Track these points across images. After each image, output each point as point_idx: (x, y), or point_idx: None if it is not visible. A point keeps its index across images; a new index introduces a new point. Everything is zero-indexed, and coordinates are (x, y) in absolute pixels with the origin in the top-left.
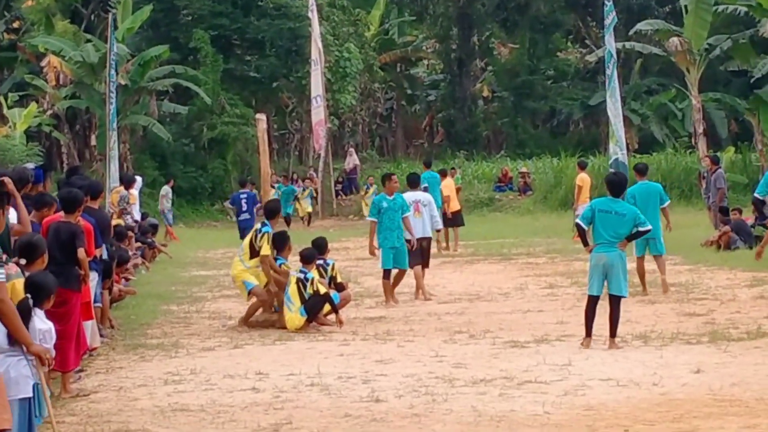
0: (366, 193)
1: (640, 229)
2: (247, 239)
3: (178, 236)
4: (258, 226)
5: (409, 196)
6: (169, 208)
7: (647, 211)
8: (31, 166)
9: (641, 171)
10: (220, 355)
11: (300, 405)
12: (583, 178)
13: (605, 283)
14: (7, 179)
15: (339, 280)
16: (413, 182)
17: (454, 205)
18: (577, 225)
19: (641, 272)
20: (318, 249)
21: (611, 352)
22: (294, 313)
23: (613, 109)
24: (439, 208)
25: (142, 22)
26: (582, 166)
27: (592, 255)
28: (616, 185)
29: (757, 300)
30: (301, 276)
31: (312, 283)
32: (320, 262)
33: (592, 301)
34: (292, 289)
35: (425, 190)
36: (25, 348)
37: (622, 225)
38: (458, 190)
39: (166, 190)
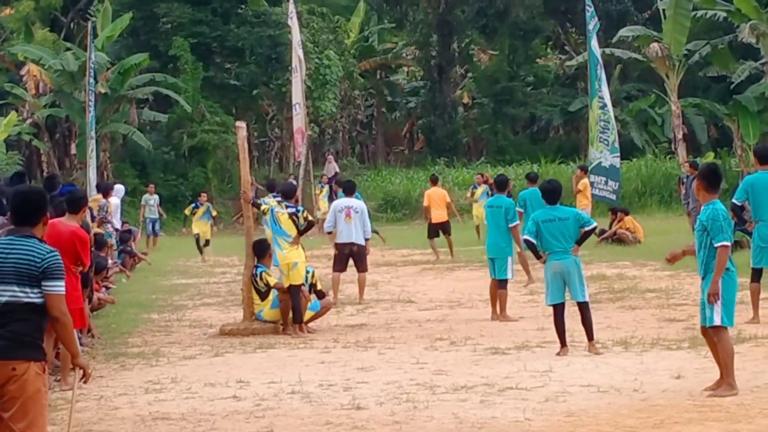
0: (320, 192)
1: (587, 228)
2: (290, 225)
3: (147, 249)
4: (291, 210)
5: (342, 201)
6: (152, 218)
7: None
8: None
9: (533, 179)
10: (201, 364)
11: (281, 413)
12: (587, 184)
13: (566, 291)
14: None
15: (319, 287)
16: (349, 189)
17: (437, 216)
18: (525, 240)
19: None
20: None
21: (592, 358)
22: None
23: (609, 111)
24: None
25: (121, 30)
26: (585, 170)
27: (547, 265)
28: (551, 193)
29: (737, 305)
30: (292, 210)
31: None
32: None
33: (557, 310)
34: (285, 221)
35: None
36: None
37: (568, 229)
38: None
39: (146, 198)
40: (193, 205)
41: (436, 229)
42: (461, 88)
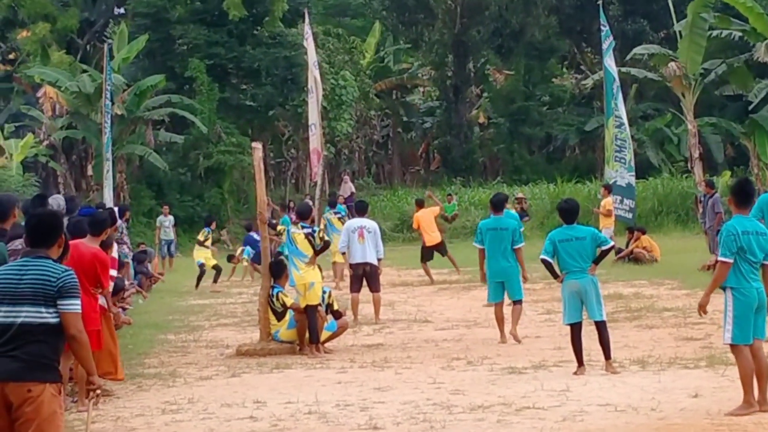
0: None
1: (604, 248)
2: (307, 245)
3: (164, 270)
4: (307, 230)
5: (355, 222)
6: (168, 239)
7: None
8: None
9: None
10: (218, 384)
11: None
12: (610, 202)
13: (584, 309)
14: None
15: (336, 307)
16: (361, 209)
17: (432, 239)
18: (543, 260)
19: None
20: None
21: (609, 377)
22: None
23: (626, 130)
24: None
25: (137, 51)
26: (609, 189)
27: (564, 284)
28: (567, 212)
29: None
30: (308, 231)
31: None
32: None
33: (575, 330)
34: (301, 242)
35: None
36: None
37: (585, 248)
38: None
39: (161, 219)
40: (207, 230)
41: (431, 252)
42: (477, 108)
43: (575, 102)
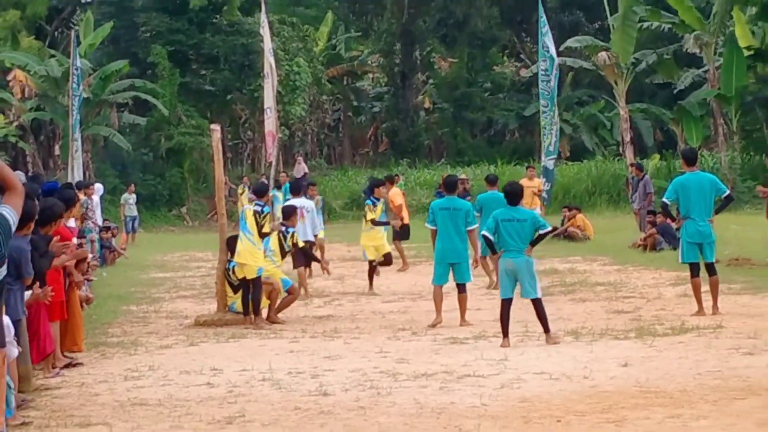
0: (242, 192)
1: (542, 231)
2: (252, 222)
3: (126, 245)
4: (257, 208)
5: (294, 202)
6: (132, 216)
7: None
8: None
9: (492, 182)
10: (177, 353)
11: (252, 399)
12: (540, 183)
13: (517, 287)
14: None
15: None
16: (296, 190)
17: (406, 217)
18: (484, 236)
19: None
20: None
21: (545, 347)
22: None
23: (548, 117)
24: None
25: (103, 38)
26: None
27: (501, 261)
28: (511, 195)
29: (681, 298)
30: (258, 209)
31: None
32: (282, 229)
33: (505, 305)
34: (249, 218)
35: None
36: None
37: (524, 229)
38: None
39: (125, 197)
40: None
41: (407, 230)
42: (423, 94)
43: (515, 89)
